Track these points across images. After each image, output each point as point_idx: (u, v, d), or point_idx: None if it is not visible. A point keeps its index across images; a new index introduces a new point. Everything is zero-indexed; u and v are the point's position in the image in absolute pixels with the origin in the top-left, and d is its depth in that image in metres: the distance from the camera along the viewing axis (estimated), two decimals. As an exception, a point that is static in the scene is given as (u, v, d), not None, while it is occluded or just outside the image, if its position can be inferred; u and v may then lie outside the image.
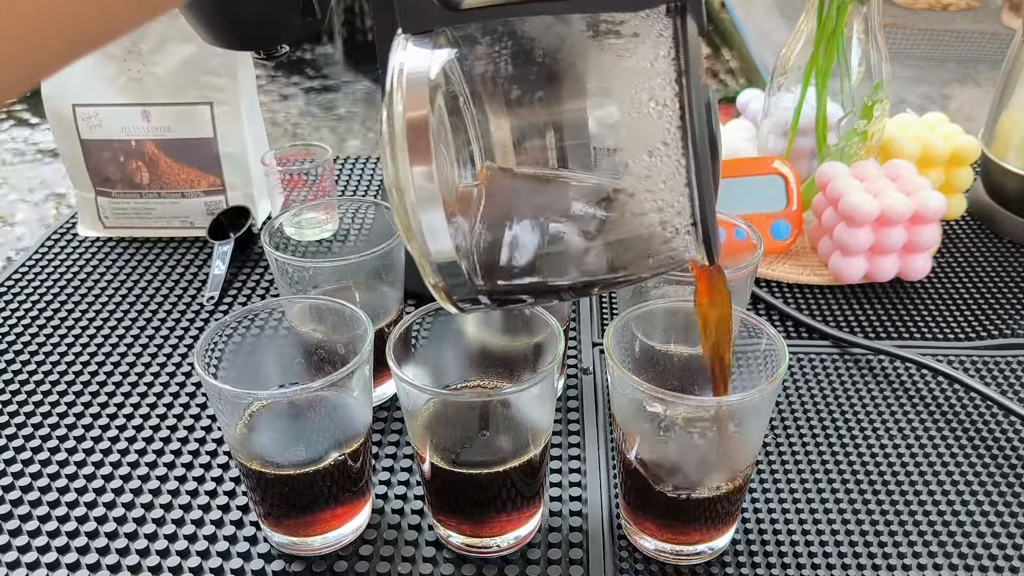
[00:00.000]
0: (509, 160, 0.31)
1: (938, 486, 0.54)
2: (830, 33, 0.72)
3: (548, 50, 0.31)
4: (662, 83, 0.30)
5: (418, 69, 0.31)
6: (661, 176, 0.31)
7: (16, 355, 0.66)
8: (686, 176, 0.30)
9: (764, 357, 0.46)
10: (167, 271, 0.78)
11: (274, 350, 0.51)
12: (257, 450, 0.47)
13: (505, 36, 0.31)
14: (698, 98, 0.30)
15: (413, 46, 0.31)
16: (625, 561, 0.49)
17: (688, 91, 0.30)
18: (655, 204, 0.31)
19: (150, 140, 0.79)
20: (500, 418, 0.46)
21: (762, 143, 0.81)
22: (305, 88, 3.27)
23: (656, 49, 0.30)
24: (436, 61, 0.31)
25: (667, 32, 0.30)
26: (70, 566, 0.49)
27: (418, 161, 0.30)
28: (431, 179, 0.30)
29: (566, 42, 0.31)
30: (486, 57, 0.31)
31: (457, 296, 0.33)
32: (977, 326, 0.69)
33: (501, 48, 0.31)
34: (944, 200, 0.70)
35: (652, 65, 0.30)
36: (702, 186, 0.30)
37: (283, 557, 0.49)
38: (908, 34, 3.20)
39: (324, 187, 0.77)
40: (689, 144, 0.30)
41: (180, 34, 0.75)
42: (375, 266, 0.56)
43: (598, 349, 0.66)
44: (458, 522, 0.49)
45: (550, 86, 0.31)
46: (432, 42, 0.31)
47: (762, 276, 0.75)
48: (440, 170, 0.30)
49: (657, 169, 0.30)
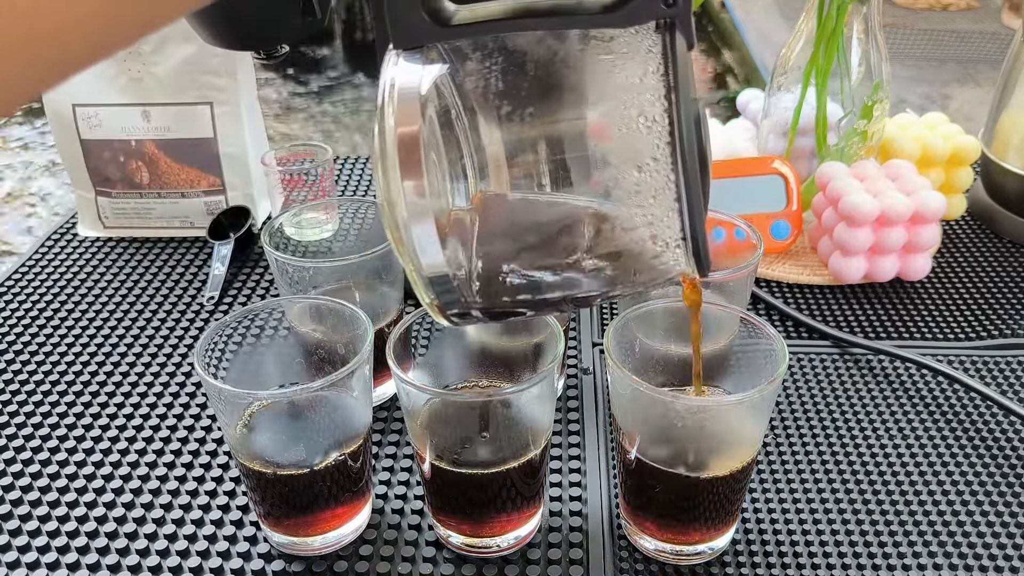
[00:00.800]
0: (501, 174, 0.32)
1: (938, 486, 0.54)
2: (830, 33, 0.72)
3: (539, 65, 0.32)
4: (651, 99, 0.30)
5: (409, 84, 0.31)
6: (651, 191, 0.31)
7: (16, 355, 0.66)
8: (676, 191, 0.30)
9: (764, 357, 0.46)
10: (167, 271, 0.78)
11: (274, 350, 0.51)
12: (257, 450, 0.47)
13: (496, 52, 0.32)
14: (687, 113, 0.30)
15: (404, 61, 0.31)
16: (625, 561, 0.49)
17: (677, 106, 0.30)
18: (645, 219, 0.31)
19: (150, 140, 0.79)
20: (500, 418, 0.46)
21: (762, 143, 0.81)
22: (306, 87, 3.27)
23: (645, 65, 0.30)
24: (427, 76, 0.31)
25: (656, 48, 0.30)
26: (70, 566, 0.49)
27: (409, 176, 0.30)
28: (422, 194, 0.30)
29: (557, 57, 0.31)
30: (477, 72, 0.32)
31: (450, 310, 0.34)
32: (977, 326, 0.69)
33: (492, 63, 0.32)
34: (944, 200, 0.70)
35: (641, 81, 0.30)
36: (692, 201, 0.30)
37: (283, 557, 0.49)
38: (908, 34, 3.20)
39: (324, 187, 0.77)
40: (678, 159, 0.30)
41: (180, 34, 0.75)
42: (375, 266, 0.56)
43: (598, 349, 0.66)
44: (458, 522, 0.49)
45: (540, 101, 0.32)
46: (423, 57, 0.31)
47: (762, 276, 0.75)
48: (432, 185, 0.31)
49: (647, 184, 0.31)
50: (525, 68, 0.32)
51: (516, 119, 0.31)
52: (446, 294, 0.33)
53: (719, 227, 0.58)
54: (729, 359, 0.49)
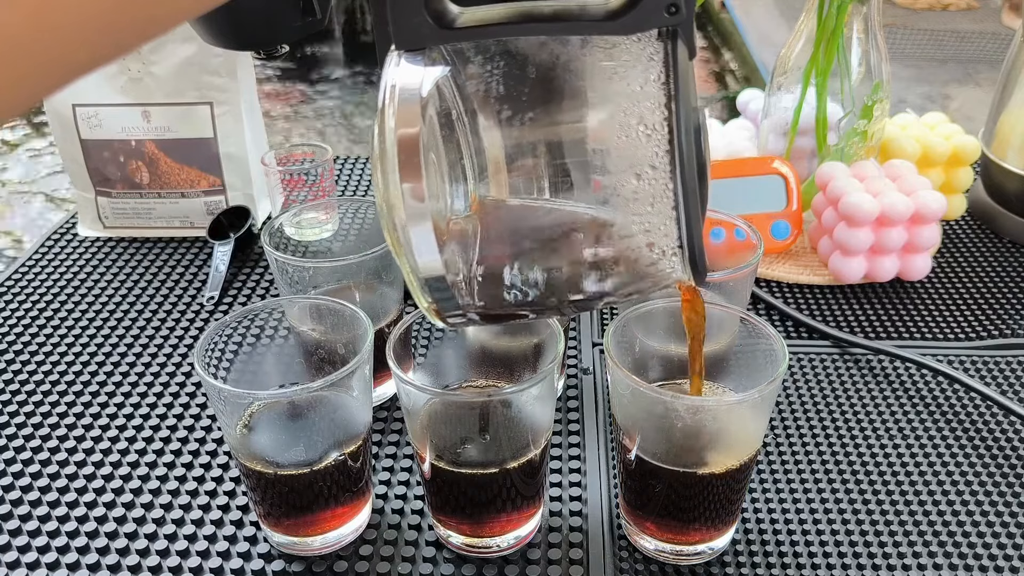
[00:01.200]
0: (501, 177, 0.32)
1: (938, 486, 0.54)
2: (830, 33, 0.72)
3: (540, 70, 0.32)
4: (651, 106, 0.30)
5: (410, 86, 0.31)
6: (649, 199, 0.31)
7: (16, 355, 0.66)
8: (673, 199, 0.30)
9: (764, 357, 0.46)
10: (167, 271, 0.78)
11: (274, 350, 0.51)
12: (257, 450, 0.47)
13: (498, 55, 0.32)
14: (687, 122, 0.30)
15: (406, 63, 0.31)
16: (625, 561, 0.49)
17: (677, 116, 0.30)
18: (642, 226, 0.31)
19: (150, 140, 0.79)
20: (500, 418, 0.46)
21: (762, 143, 0.81)
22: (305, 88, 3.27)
23: (647, 73, 0.30)
24: (429, 78, 0.31)
25: (658, 56, 0.30)
26: (70, 566, 0.49)
27: (408, 178, 0.30)
28: (421, 196, 0.30)
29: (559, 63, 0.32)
30: (478, 75, 0.32)
31: (447, 313, 0.34)
32: (977, 326, 0.69)
33: (493, 67, 0.32)
34: (944, 200, 0.70)
35: (642, 88, 0.30)
36: (689, 210, 0.30)
37: (283, 557, 0.49)
38: (908, 34, 3.20)
39: (324, 187, 0.77)
40: (677, 168, 0.30)
41: (180, 34, 0.75)
42: (375, 266, 0.56)
43: (598, 349, 0.66)
44: (458, 522, 0.49)
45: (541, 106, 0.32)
46: (425, 59, 0.31)
47: (762, 276, 0.75)
48: (431, 187, 0.31)
49: (645, 192, 0.31)
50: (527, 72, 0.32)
51: (516, 123, 0.31)
52: (443, 297, 0.33)
53: (719, 227, 0.58)
54: (729, 359, 0.50)
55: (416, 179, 0.30)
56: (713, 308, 0.49)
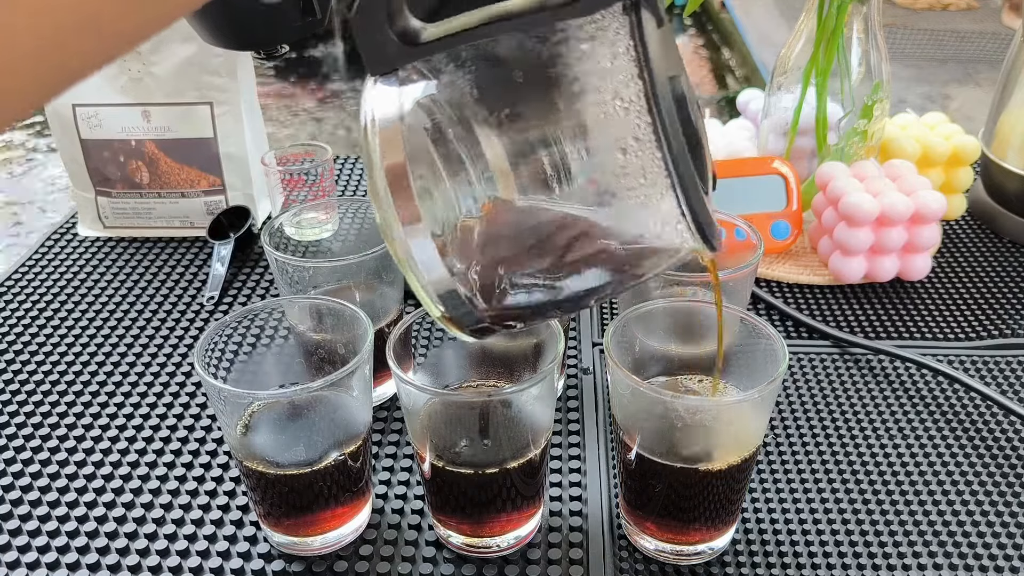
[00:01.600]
0: (505, 177, 0.32)
1: (938, 486, 0.54)
2: (830, 33, 0.72)
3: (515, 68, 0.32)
4: (624, 79, 0.30)
5: (388, 115, 0.32)
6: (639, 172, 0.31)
7: (16, 355, 0.66)
8: (664, 168, 0.30)
9: (764, 357, 0.46)
10: (167, 271, 0.78)
11: (274, 350, 0.51)
12: (257, 450, 0.47)
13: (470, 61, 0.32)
14: (663, 88, 0.30)
15: (382, 86, 0.32)
16: (625, 561, 0.49)
17: (651, 83, 0.30)
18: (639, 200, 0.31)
19: (150, 140, 0.79)
20: (500, 418, 0.46)
21: (762, 143, 0.81)
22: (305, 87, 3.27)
23: (614, 47, 0.30)
24: (407, 99, 0.32)
25: (624, 29, 0.30)
26: (70, 566, 0.49)
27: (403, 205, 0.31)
28: (417, 219, 0.32)
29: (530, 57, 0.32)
30: (455, 85, 0.32)
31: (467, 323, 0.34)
32: (977, 326, 0.69)
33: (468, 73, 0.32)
34: (944, 200, 0.70)
35: (612, 64, 0.30)
36: (682, 175, 0.30)
37: (283, 557, 0.49)
38: (908, 34, 3.20)
39: (324, 187, 0.77)
40: (661, 136, 0.30)
41: (180, 34, 0.75)
42: (375, 266, 0.56)
43: (598, 349, 0.66)
44: (458, 522, 0.49)
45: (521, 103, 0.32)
46: (400, 79, 0.32)
47: (762, 276, 0.75)
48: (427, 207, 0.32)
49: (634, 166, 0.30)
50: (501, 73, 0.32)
51: (504, 123, 0.32)
52: (456, 307, 0.33)
53: (720, 227, 0.58)
54: (729, 359, 0.49)
55: (410, 205, 0.31)
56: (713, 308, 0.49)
